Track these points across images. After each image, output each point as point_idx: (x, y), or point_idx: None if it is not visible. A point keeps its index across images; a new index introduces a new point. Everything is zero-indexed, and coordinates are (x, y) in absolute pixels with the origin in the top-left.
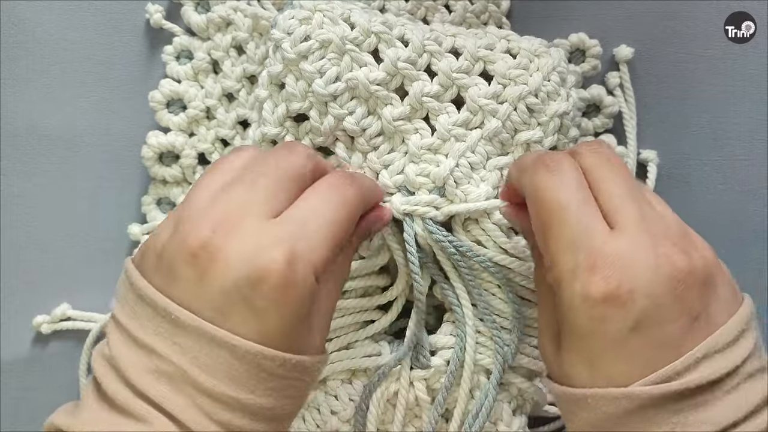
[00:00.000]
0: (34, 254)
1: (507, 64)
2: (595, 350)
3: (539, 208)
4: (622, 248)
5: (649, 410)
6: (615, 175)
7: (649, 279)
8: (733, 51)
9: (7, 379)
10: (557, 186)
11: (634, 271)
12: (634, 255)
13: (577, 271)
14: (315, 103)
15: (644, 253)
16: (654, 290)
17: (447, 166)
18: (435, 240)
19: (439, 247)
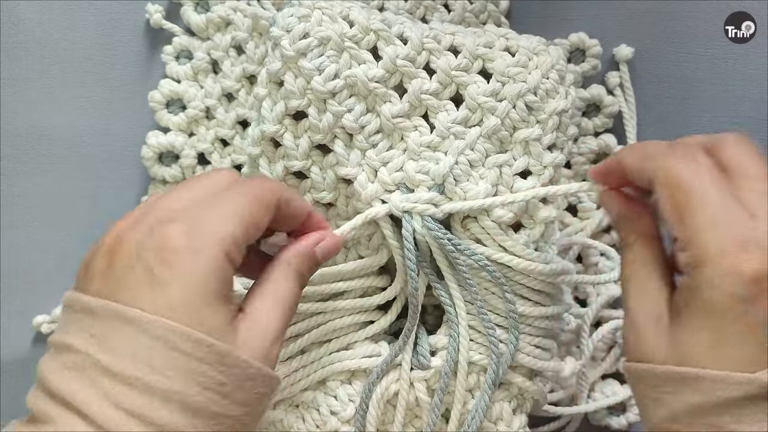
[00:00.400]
0: (34, 254)
1: (506, 61)
2: (726, 333)
3: (676, 190)
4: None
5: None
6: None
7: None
8: (733, 51)
9: (7, 379)
10: (695, 171)
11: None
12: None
13: (726, 250)
14: (314, 101)
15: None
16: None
17: (446, 164)
18: (434, 237)
19: (437, 246)
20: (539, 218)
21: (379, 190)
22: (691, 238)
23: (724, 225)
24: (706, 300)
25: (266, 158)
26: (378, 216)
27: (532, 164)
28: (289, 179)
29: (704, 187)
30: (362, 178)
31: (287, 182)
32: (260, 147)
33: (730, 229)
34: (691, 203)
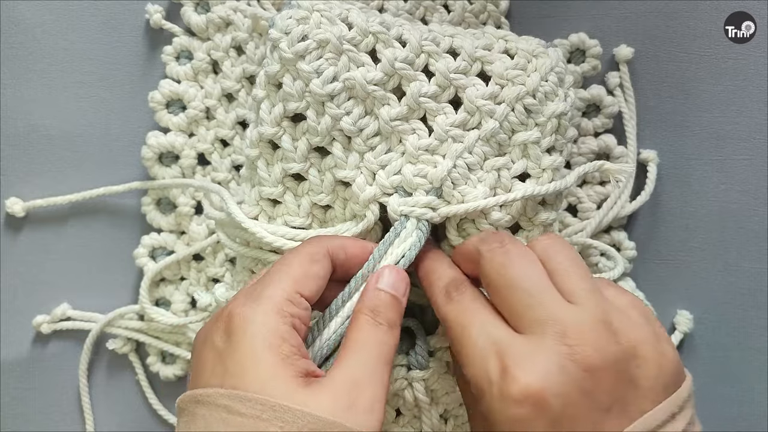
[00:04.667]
0: (34, 254)
1: (505, 64)
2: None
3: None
4: (529, 350)
5: None
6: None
7: (556, 379)
8: (733, 51)
9: (7, 379)
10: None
11: (540, 371)
12: (540, 356)
13: (491, 378)
14: (312, 103)
15: (549, 353)
16: (562, 389)
17: (444, 167)
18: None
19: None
20: (538, 221)
21: (377, 193)
22: (467, 375)
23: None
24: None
25: (264, 160)
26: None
27: (530, 167)
28: (287, 181)
29: (463, 325)
30: (360, 180)
31: (285, 184)
32: (258, 149)
33: (491, 356)
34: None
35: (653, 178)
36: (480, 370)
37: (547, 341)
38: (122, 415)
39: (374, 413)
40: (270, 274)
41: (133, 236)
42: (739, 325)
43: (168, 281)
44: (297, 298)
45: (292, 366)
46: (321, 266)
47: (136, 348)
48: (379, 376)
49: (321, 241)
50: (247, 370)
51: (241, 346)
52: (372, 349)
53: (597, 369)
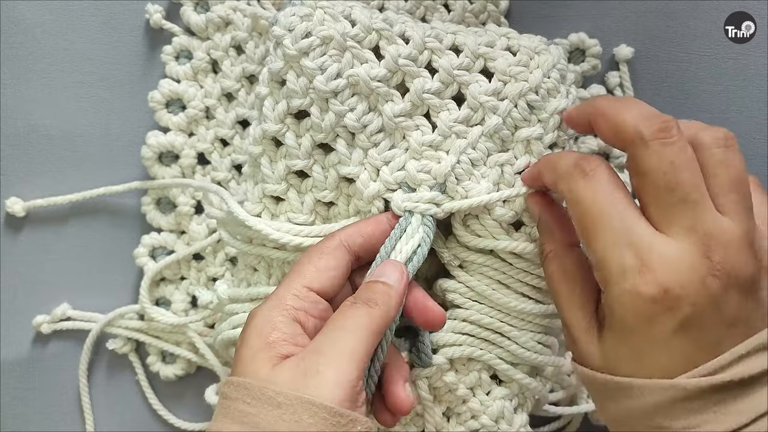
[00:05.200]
0: (34, 254)
1: (507, 61)
2: (642, 345)
3: (581, 213)
4: (672, 253)
5: (694, 401)
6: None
7: (695, 289)
8: (733, 51)
9: (7, 379)
10: (596, 191)
11: (680, 277)
12: (683, 262)
13: (626, 272)
14: (316, 100)
15: (692, 262)
16: (698, 299)
17: (448, 163)
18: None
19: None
20: None
21: (381, 189)
22: (596, 260)
23: (624, 245)
24: (618, 317)
25: (268, 157)
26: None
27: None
28: (290, 178)
29: (607, 207)
30: (364, 177)
31: (288, 181)
32: (261, 146)
33: (630, 249)
34: (593, 226)
35: None
36: (615, 258)
37: (692, 249)
38: (122, 415)
39: (340, 386)
40: (284, 278)
41: (133, 236)
42: None
43: (168, 281)
44: (304, 292)
45: (273, 350)
46: (332, 257)
47: (136, 348)
48: (341, 345)
49: (332, 235)
50: (241, 357)
51: (243, 339)
52: (338, 322)
53: (733, 287)
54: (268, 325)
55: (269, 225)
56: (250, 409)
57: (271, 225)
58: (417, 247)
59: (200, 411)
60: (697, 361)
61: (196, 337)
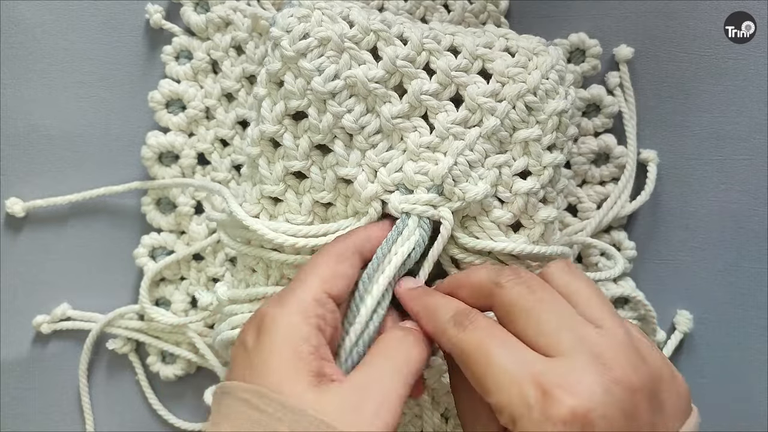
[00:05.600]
0: (34, 254)
1: (506, 62)
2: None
3: (468, 361)
4: (568, 372)
5: None
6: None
7: (600, 399)
8: (733, 51)
9: (7, 379)
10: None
11: (586, 393)
12: (582, 377)
13: (530, 405)
14: (313, 101)
15: (591, 374)
16: (607, 410)
17: (445, 165)
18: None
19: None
20: (539, 218)
21: (378, 190)
22: (498, 405)
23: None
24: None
25: (266, 158)
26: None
27: (531, 164)
28: (288, 179)
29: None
30: (362, 178)
31: (286, 182)
32: (259, 147)
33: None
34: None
35: (653, 178)
36: (514, 396)
37: (584, 363)
38: (122, 415)
39: (379, 418)
40: (299, 276)
41: (133, 236)
42: (739, 325)
43: (168, 281)
44: (324, 298)
45: (307, 366)
46: (349, 264)
47: (136, 348)
48: (392, 383)
49: (346, 239)
50: (268, 368)
51: (266, 345)
52: (392, 357)
53: (636, 390)
54: (297, 334)
55: (267, 226)
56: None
57: (268, 226)
58: (412, 250)
59: (200, 411)
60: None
61: (196, 338)
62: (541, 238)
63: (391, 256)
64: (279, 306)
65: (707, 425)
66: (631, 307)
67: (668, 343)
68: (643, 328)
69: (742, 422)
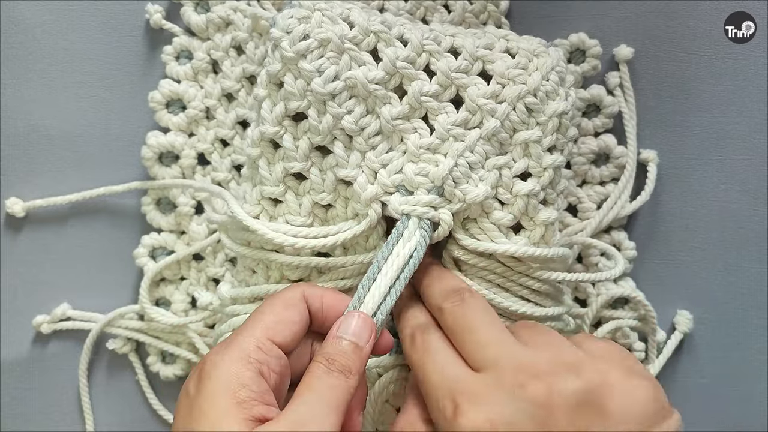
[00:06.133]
0: (34, 254)
1: (506, 63)
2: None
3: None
4: (481, 386)
5: None
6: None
7: (506, 410)
8: (733, 51)
9: (7, 379)
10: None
11: (491, 406)
12: (492, 391)
13: (446, 415)
14: (313, 102)
15: (501, 386)
16: (513, 418)
17: (446, 166)
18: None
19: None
20: (539, 220)
21: (378, 192)
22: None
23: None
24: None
25: (266, 159)
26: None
27: (532, 166)
28: (288, 180)
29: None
30: (362, 179)
31: (286, 183)
32: (260, 148)
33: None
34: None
35: (653, 178)
36: (435, 408)
37: (500, 377)
38: (122, 415)
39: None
40: (245, 323)
41: (133, 236)
42: (739, 325)
43: (168, 281)
44: (267, 345)
45: (245, 411)
46: (296, 311)
47: (136, 348)
48: (326, 419)
49: (298, 286)
50: (205, 414)
51: (206, 391)
52: (321, 393)
53: (552, 405)
54: (235, 380)
55: (268, 227)
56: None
57: (269, 226)
58: (414, 251)
59: None
60: None
61: (196, 338)
62: (541, 240)
63: (393, 258)
64: (221, 353)
65: (707, 426)
66: (631, 307)
67: (668, 343)
68: (643, 328)
69: (742, 422)
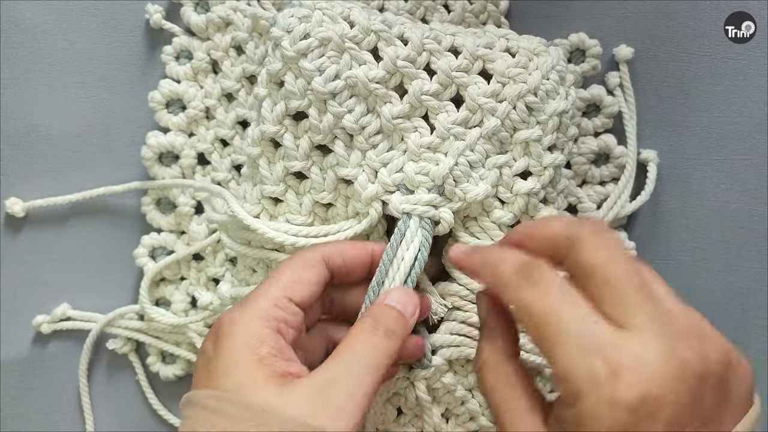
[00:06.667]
0: (34, 254)
1: (506, 62)
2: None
3: (535, 325)
4: (641, 352)
5: None
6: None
7: (673, 385)
8: (733, 51)
9: (7, 379)
10: (548, 297)
11: (658, 376)
12: (655, 359)
13: (598, 380)
14: (314, 101)
15: (664, 356)
16: (677, 397)
17: (446, 165)
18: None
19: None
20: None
21: (379, 190)
22: (560, 372)
23: (589, 352)
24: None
25: (266, 158)
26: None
27: (532, 165)
28: (288, 180)
29: (558, 315)
30: (362, 178)
31: (287, 182)
32: (260, 147)
33: (596, 354)
34: (552, 337)
35: (653, 178)
36: (582, 368)
37: (658, 343)
38: (122, 415)
39: (344, 413)
40: (262, 282)
41: (133, 236)
42: (739, 325)
43: (168, 281)
44: (284, 302)
45: (268, 367)
46: (314, 272)
47: (136, 348)
48: (360, 379)
49: (315, 247)
50: (228, 371)
51: (225, 349)
52: (361, 352)
53: (706, 377)
54: (254, 337)
55: (268, 225)
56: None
57: (269, 225)
58: (418, 252)
59: None
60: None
61: (196, 338)
62: None
63: (398, 261)
64: (238, 312)
65: None
66: None
67: None
68: None
69: None
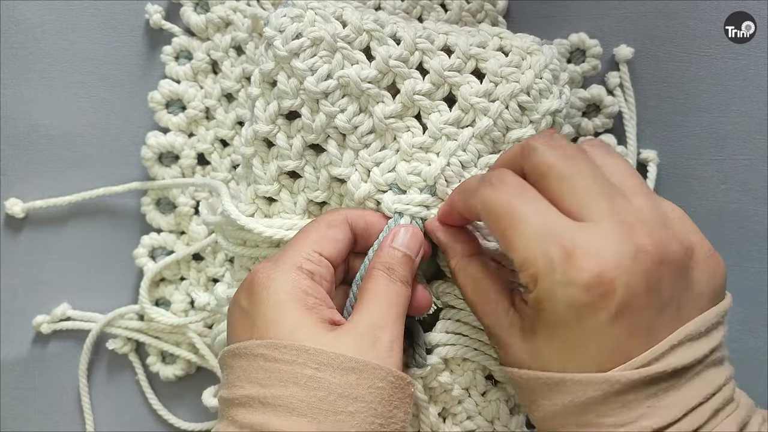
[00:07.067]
0: (34, 254)
1: (499, 61)
2: (573, 339)
3: (495, 218)
4: (597, 238)
5: (628, 394)
6: (577, 169)
7: (626, 266)
8: (733, 51)
9: (7, 379)
10: (506, 193)
11: (612, 259)
12: (610, 244)
13: (554, 264)
14: (306, 101)
15: (620, 241)
16: (630, 278)
17: (438, 165)
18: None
19: None
20: None
21: (371, 190)
22: (520, 261)
23: (547, 238)
24: (549, 312)
25: (259, 158)
26: None
27: None
28: (282, 179)
29: (517, 208)
30: (355, 177)
31: (280, 182)
32: (253, 147)
33: (554, 241)
34: (510, 227)
35: (653, 178)
36: (539, 254)
37: (613, 230)
38: (122, 415)
39: (393, 353)
40: (290, 241)
41: (133, 236)
42: (739, 325)
43: (168, 281)
44: (315, 256)
45: (317, 315)
46: (339, 231)
47: (136, 348)
48: (396, 323)
49: (339, 210)
50: (275, 321)
51: (265, 301)
52: (389, 299)
53: (663, 263)
54: (298, 288)
55: (261, 223)
56: (319, 374)
57: (262, 223)
58: None
59: (200, 411)
60: (630, 351)
61: (196, 338)
62: None
63: None
64: (271, 266)
65: None
66: None
67: None
68: None
69: None
